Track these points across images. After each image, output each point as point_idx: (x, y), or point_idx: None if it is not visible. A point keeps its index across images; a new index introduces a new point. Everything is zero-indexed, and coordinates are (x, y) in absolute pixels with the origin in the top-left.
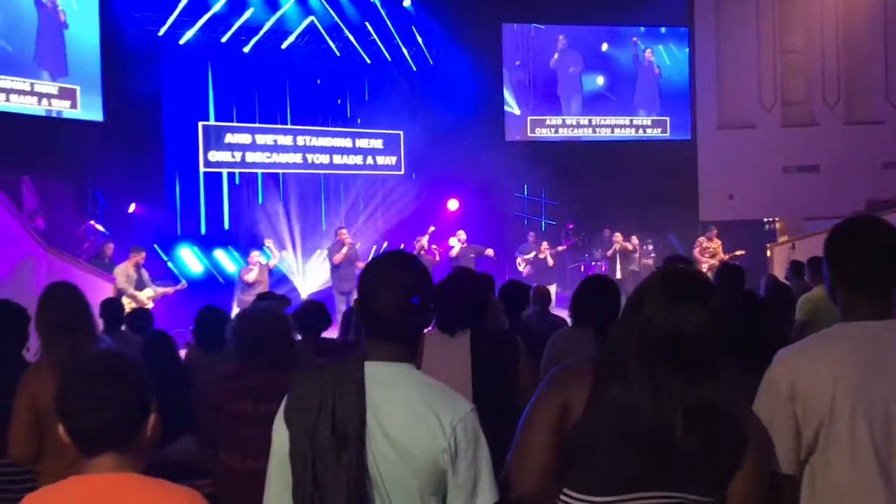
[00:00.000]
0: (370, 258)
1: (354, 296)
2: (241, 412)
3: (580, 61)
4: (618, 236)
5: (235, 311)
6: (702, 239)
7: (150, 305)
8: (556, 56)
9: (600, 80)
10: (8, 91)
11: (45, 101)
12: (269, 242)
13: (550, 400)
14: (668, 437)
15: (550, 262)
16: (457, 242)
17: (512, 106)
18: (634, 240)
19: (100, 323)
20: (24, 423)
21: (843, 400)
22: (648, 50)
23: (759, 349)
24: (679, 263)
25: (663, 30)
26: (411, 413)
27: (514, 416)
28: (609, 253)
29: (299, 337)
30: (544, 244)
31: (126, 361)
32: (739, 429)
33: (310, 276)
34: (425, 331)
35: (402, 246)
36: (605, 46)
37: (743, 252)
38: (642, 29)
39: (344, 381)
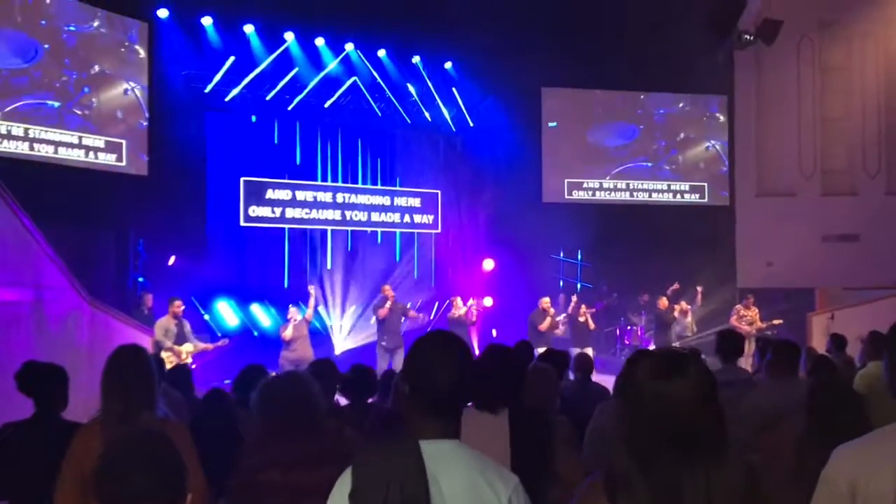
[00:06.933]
0: (417, 337)
1: (399, 354)
2: (271, 482)
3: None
4: (663, 301)
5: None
6: (738, 307)
7: (188, 360)
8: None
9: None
10: (56, 143)
11: (91, 154)
12: (311, 289)
13: None
14: None
15: (591, 325)
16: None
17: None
18: (684, 304)
19: None
20: (68, 486)
21: None
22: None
23: None
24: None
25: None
26: (470, 488)
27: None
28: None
29: (344, 402)
30: (583, 307)
31: (159, 444)
32: None
33: (346, 332)
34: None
35: (447, 302)
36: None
37: (780, 321)
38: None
39: (406, 460)
